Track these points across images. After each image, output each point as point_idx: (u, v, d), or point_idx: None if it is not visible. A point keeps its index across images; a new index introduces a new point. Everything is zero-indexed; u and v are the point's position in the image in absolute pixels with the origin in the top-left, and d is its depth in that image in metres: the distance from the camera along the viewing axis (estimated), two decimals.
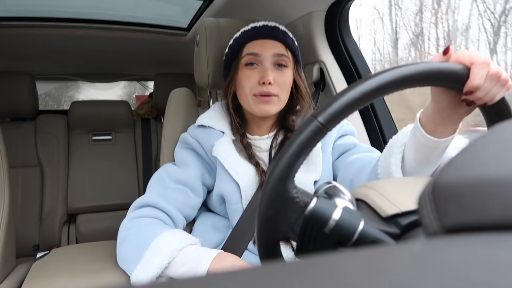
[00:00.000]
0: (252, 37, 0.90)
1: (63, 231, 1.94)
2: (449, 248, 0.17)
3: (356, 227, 0.41)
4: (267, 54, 0.87)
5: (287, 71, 0.89)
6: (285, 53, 0.89)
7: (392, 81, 0.46)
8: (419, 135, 0.64)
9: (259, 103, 0.86)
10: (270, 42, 0.89)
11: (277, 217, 0.45)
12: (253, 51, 0.88)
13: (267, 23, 0.92)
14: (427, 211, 0.22)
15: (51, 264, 0.89)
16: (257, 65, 0.88)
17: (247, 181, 0.86)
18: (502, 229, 0.18)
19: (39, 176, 1.94)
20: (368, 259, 0.16)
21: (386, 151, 0.72)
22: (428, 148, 0.64)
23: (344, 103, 0.45)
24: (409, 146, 0.68)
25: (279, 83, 0.87)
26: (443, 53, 0.55)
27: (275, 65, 0.88)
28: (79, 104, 2.11)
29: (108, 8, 1.65)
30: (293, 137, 0.45)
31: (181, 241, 0.75)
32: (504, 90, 0.56)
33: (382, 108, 1.21)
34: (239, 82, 0.89)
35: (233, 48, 0.92)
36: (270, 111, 0.87)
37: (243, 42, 0.90)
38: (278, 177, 0.44)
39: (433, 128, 0.63)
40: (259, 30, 0.90)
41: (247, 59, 0.88)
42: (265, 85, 0.85)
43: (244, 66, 0.89)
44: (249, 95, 0.87)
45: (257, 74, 0.87)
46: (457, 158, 0.23)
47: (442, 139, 0.63)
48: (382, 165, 0.72)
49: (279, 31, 0.90)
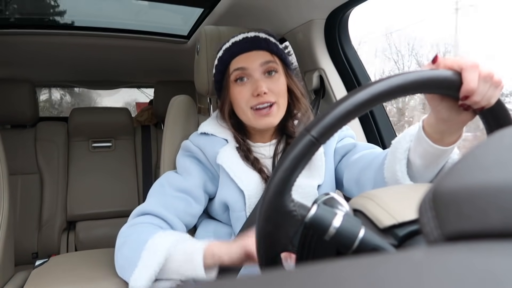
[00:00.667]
0: (235, 53, 0.89)
1: (62, 238, 1.93)
2: (449, 256, 0.17)
3: (356, 234, 0.41)
4: (254, 65, 0.87)
5: (279, 76, 0.88)
6: (272, 59, 0.88)
7: (385, 91, 0.46)
8: (425, 144, 0.64)
9: (259, 118, 0.85)
10: (254, 53, 0.88)
11: (275, 231, 0.45)
12: (239, 66, 0.87)
13: (246, 35, 0.91)
14: (427, 219, 0.22)
15: (50, 272, 0.89)
16: (247, 78, 0.87)
17: (252, 189, 0.85)
18: (503, 237, 0.18)
19: (39, 183, 1.93)
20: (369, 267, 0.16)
21: (391, 156, 0.72)
22: (436, 155, 0.64)
23: (336, 116, 0.44)
24: (415, 153, 0.68)
25: (274, 91, 0.86)
26: (432, 61, 0.55)
27: (265, 74, 0.87)
28: (79, 111, 2.11)
29: (109, 16, 1.66)
30: (287, 151, 0.45)
31: (176, 237, 0.75)
32: (499, 91, 0.56)
33: (381, 114, 1.22)
34: (233, 99, 0.89)
35: (219, 68, 0.92)
36: (272, 122, 0.86)
37: (227, 60, 0.90)
38: (274, 192, 0.44)
39: (439, 137, 0.63)
40: (240, 44, 0.89)
41: (235, 75, 0.87)
42: (260, 96, 0.84)
43: (235, 83, 0.88)
44: (246, 109, 0.87)
45: (250, 88, 0.86)
46: (457, 165, 0.23)
47: (450, 147, 0.63)
48: (388, 170, 0.72)
49: (260, 40, 0.90)
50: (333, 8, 1.14)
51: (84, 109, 2.33)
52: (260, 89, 0.83)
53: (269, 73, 0.88)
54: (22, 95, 1.87)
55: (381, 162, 0.76)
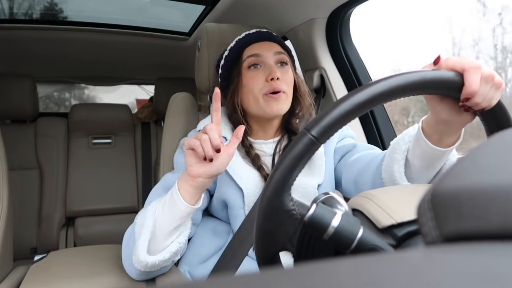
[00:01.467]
0: (249, 42, 0.91)
1: (61, 234, 1.93)
2: (447, 257, 0.17)
3: (355, 234, 0.41)
4: (269, 53, 0.89)
5: (289, 69, 0.91)
6: (283, 51, 0.91)
7: (385, 91, 0.46)
8: (424, 145, 0.64)
9: (270, 102, 0.86)
10: (268, 43, 0.91)
11: (274, 230, 0.46)
12: (254, 53, 0.89)
13: (259, 30, 0.95)
14: (426, 219, 0.22)
15: (49, 267, 0.89)
16: (260, 66, 0.89)
17: (251, 187, 0.85)
18: (502, 238, 0.17)
19: (38, 179, 1.93)
20: (366, 266, 0.16)
21: (389, 157, 0.72)
22: (434, 156, 0.65)
23: (336, 116, 0.44)
24: (413, 154, 0.68)
25: (285, 80, 0.88)
26: (433, 63, 0.55)
27: (277, 64, 0.89)
28: (79, 107, 2.11)
29: (110, 12, 1.66)
30: (287, 150, 0.45)
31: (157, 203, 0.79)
32: (499, 92, 0.56)
33: (381, 114, 1.21)
34: (245, 85, 0.89)
35: (231, 56, 0.93)
36: (281, 109, 0.87)
37: (240, 48, 0.92)
38: (274, 191, 0.44)
39: (438, 138, 0.63)
40: (254, 36, 0.92)
41: (250, 61, 0.89)
42: (273, 81, 0.85)
43: (248, 69, 0.89)
44: (259, 95, 0.87)
45: (263, 74, 0.87)
46: (457, 166, 0.23)
47: (448, 148, 0.63)
48: (386, 170, 0.72)
49: (272, 34, 0.94)
50: (335, 7, 1.13)
51: (84, 105, 2.33)
52: (274, 73, 0.85)
53: (281, 63, 0.90)
54: (22, 90, 1.87)
55: (379, 163, 0.76)
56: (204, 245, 0.88)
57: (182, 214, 0.75)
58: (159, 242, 0.76)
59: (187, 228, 0.80)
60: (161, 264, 0.77)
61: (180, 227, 0.78)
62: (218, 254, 0.86)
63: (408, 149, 0.69)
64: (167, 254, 0.76)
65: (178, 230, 0.78)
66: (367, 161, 0.82)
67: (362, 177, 0.81)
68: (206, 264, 0.86)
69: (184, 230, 0.79)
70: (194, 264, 0.87)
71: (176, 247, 0.77)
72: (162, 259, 0.75)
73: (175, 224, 0.76)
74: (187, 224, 0.80)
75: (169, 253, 0.76)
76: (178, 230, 0.78)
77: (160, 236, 0.76)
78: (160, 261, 0.75)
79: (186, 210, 0.75)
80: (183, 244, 0.79)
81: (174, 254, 0.78)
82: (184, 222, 0.78)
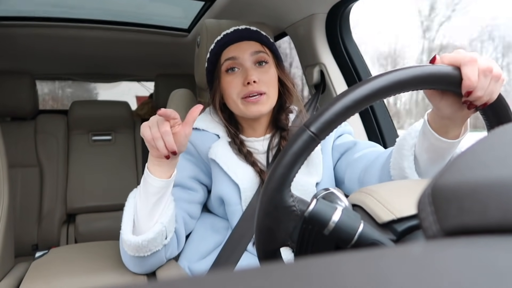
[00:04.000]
0: (227, 43, 0.90)
1: (62, 231, 1.94)
2: (448, 250, 0.17)
3: (356, 229, 0.41)
4: (245, 55, 0.88)
5: (269, 67, 0.89)
6: (262, 49, 0.90)
7: (385, 87, 0.46)
8: (432, 138, 0.64)
9: (248, 106, 0.86)
10: (245, 43, 0.89)
11: (275, 226, 0.46)
12: (230, 56, 0.88)
13: (237, 27, 0.92)
14: (426, 213, 0.22)
15: (50, 264, 0.89)
16: (237, 68, 0.88)
17: (247, 182, 0.86)
18: (502, 232, 0.17)
19: (38, 176, 1.93)
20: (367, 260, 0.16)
21: (397, 153, 0.71)
22: (442, 149, 0.65)
23: (336, 112, 0.44)
24: (421, 148, 0.68)
25: (264, 81, 0.87)
26: (430, 62, 0.55)
27: (255, 64, 0.88)
28: (79, 104, 2.11)
29: (109, 8, 1.65)
30: (286, 147, 0.45)
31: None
32: (499, 85, 0.55)
33: (381, 110, 1.21)
34: (224, 90, 0.89)
35: (211, 60, 0.93)
36: (261, 110, 0.86)
37: (218, 51, 0.91)
38: (274, 188, 0.44)
39: (445, 131, 0.63)
40: (232, 36, 0.91)
41: (226, 65, 0.88)
42: (250, 85, 0.85)
43: (225, 73, 0.89)
44: (237, 99, 0.87)
45: (240, 77, 0.87)
46: (457, 160, 0.23)
47: (456, 140, 0.63)
48: (395, 167, 0.72)
49: (250, 31, 0.91)
50: (334, 2, 1.13)
51: (84, 102, 2.33)
52: (250, 77, 0.84)
53: (260, 63, 0.89)
54: (22, 87, 1.86)
55: (385, 160, 0.75)
56: (203, 241, 0.88)
57: (154, 190, 0.75)
58: (142, 223, 0.77)
59: (169, 208, 0.79)
60: (148, 246, 0.76)
61: (159, 205, 0.77)
62: (218, 249, 0.86)
63: (415, 144, 0.69)
64: (151, 234, 0.76)
65: (158, 209, 0.77)
66: (372, 159, 0.81)
67: (367, 175, 0.80)
68: (206, 260, 0.86)
69: (166, 210, 0.78)
70: (194, 260, 0.87)
71: (159, 228, 0.76)
72: (146, 238, 0.75)
73: (151, 201, 0.76)
74: (168, 203, 0.79)
75: (153, 233, 0.76)
76: (158, 209, 0.77)
77: (142, 217, 0.77)
78: (144, 241, 0.75)
79: (156, 185, 0.75)
80: (167, 225, 0.78)
81: (160, 235, 0.77)
82: (162, 199, 0.77)
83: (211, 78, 0.95)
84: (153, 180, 0.75)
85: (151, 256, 0.79)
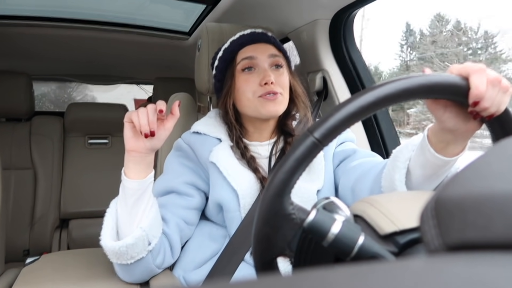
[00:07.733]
0: (244, 44, 0.90)
1: (54, 236, 1.91)
2: (449, 266, 0.17)
3: (355, 241, 0.40)
4: (263, 56, 0.88)
5: (284, 71, 0.90)
6: (278, 54, 0.90)
7: (390, 94, 0.46)
8: (428, 154, 0.63)
9: (266, 103, 0.85)
10: (262, 45, 0.90)
11: (273, 234, 0.45)
12: (248, 55, 0.88)
13: (254, 30, 0.93)
14: (428, 227, 0.22)
15: (41, 270, 0.87)
16: (254, 68, 0.88)
17: (246, 188, 0.84)
18: (505, 248, 0.17)
19: (32, 179, 1.90)
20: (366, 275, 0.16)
21: (391, 165, 0.71)
22: (438, 166, 0.63)
23: (340, 118, 0.44)
24: (416, 162, 0.67)
25: (280, 83, 0.87)
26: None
27: (272, 66, 0.89)
28: (76, 106, 2.09)
29: (109, 9, 1.64)
30: (288, 152, 0.44)
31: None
32: (507, 96, 0.55)
33: (385, 118, 1.20)
34: (239, 89, 0.88)
35: (225, 57, 0.92)
36: (277, 109, 0.86)
37: (235, 49, 0.91)
38: (274, 194, 0.44)
39: (443, 146, 0.62)
40: (248, 37, 0.91)
41: (244, 64, 0.88)
42: (267, 85, 0.84)
43: (241, 72, 0.88)
44: (253, 98, 0.86)
45: (257, 77, 0.86)
46: (461, 174, 0.23)
47: (453, 158, 0.62)
48: (386, 178, 0.71)
49: (267, 35, 0.92)
50: (338, 8, 1.12)
51: (81, 104, 2.31)
52: (268, 77, 0.84)
53: (276, 66, 0.89)
54: (18, 87, 1.84)
55: (379, 171, 0.75)
56: (200, 250, 0.86)
57: (129, 192, 0.74)
58: (124, 228, 0.75)
59: (150, 211, 0.76)
60: (129, 252, 0.73)
61: (137, 208, 0.74)
62: (214, 259, 0.84)
63: (411, 158, 0.68)
64: (130, 240, 0.73)
65: (138, 212, 0.75)
66: (367, 169, 0.81)
67: (360, 184, 0.80)
68: (201, 269, 0.84)
69: (146, 214, 0.75)
70: (189, 269, 0.85)
71: (139, 233, 0.73)
72: (123, 244, 0.72)
73: (129, 203, 0.74)
74: (148, 207, 0.76)
75: (133, 238, 0.73)
76: (137, 212, 0.75)
77: (123, 222, 0.75)
78: (122, 247, 0.72)
79: (131, 186, 0.73)
80: (148, 230, 0.75)
81: (140, 241, 0.74)
82: (139, 202, 0.75)
83: (221, 77, 0.93)
84: (127, 182, 0.74)
85: (136, 264, 0.76)
